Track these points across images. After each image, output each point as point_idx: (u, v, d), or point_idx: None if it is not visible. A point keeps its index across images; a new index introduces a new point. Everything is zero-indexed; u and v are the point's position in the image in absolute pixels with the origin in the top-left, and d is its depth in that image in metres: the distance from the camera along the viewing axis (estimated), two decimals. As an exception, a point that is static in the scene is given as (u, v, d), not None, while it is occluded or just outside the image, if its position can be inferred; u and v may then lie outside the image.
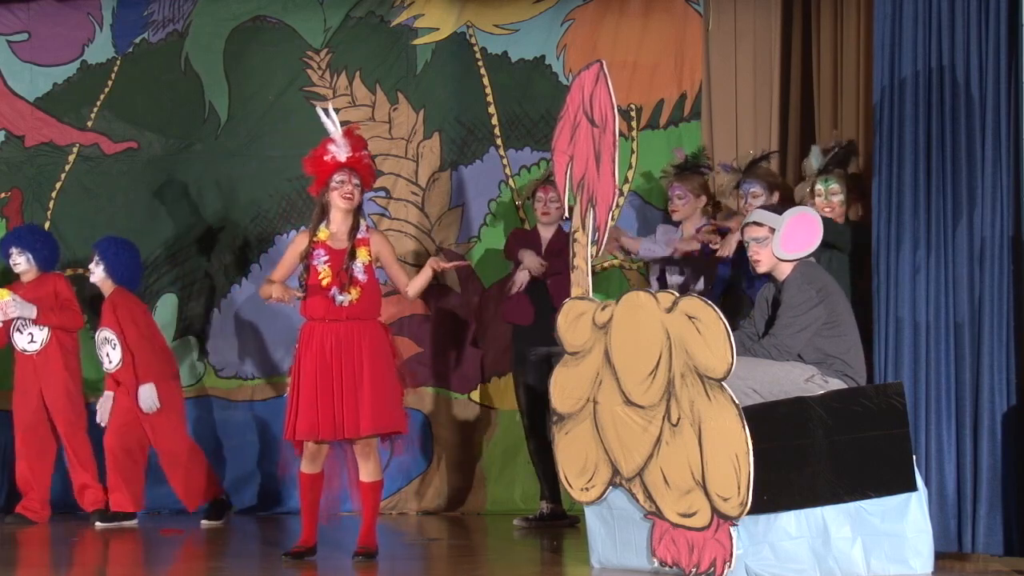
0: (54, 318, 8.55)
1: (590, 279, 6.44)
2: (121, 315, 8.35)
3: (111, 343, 8.38)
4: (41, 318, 8.51)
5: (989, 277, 6.55)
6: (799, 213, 6.45)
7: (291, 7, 9.16)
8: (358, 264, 6.75)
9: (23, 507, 8.59)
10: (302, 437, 6.70)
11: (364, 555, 6.73)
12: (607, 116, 6.30)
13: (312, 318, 6.76)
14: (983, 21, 6.61)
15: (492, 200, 8.98)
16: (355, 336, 6.71)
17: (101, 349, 8.43)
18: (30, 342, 8.58)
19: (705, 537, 5.92)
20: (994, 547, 6.52)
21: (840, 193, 7.24)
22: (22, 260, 8.62)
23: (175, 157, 9.21)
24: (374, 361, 6.70)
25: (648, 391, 6.06)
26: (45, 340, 8.58)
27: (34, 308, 8.49)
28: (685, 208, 7.91)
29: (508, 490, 8.82)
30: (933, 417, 6.63)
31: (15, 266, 8.63)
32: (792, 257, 6.40)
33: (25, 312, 8.48)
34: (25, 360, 8.60)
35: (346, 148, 6.80)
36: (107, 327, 8.38)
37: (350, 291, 6.71)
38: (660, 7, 8.76)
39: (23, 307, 8.47)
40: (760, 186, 7.52)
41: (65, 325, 8.60)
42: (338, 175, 6.77)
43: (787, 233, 6.38)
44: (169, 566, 7.23)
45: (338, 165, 6.78)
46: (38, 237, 8.72)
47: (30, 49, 9.32)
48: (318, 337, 6.71)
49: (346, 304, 6.71)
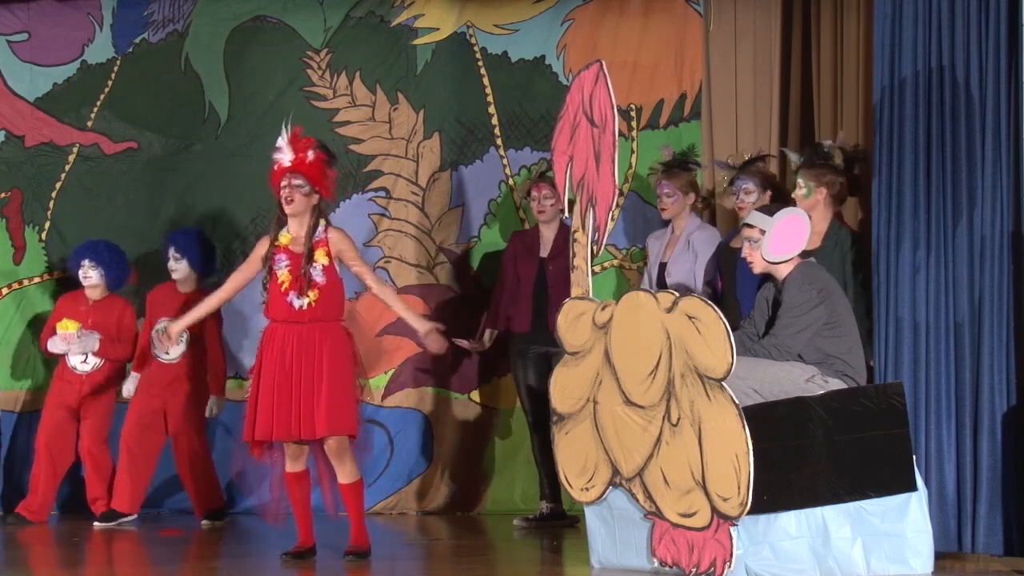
0: (111, 351, 8.51)
1: (590, 279, 6.44)
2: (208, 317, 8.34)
3: (180, 338, 8.28)
4: (101, 351, 8.49)
5: (989, 277, 6.55)
6: (787, 215, 6.46)
7: (291, 7, 9.16)
8: (316, 266, 6.76)
9: (24, 507, 8.57)
10: (259, 437, 6.72)
11: (355, 555, 6.75)
12: (607, 116, 6.30)
13: (274, 320, 6.80)
14: (983, 21, 6.61)
15: (492, 200, 8.98)
16: (316, 338, 6.73)
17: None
18: (83, 363, 8.54)
19: (705, 537, 5.92)
20: (994, 547, 6.52)
21: (803, 188, 7.22)
22: (94, 275, 8.55)
23: (175, 157, 9.21)
24: (333, 363, 6.71)
25: (648, 391, 6.06)
26: (98, 365, 8.54)
27: (97, 342, 8.44)
28: (674, 206, 7.90)
29: (508, 490, 8.82)
30: (933, 417, 6.63)
31: (85, 279, 8.55)
32: (779, 259, 6.43)
33: (88, 347, 8.44)
34: (71, 377, 8.54)
35: (289, 152, 6.82)
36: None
37: (308, 294, 6.73)
38: (660, 7, 8.76)
39: (87, 343, 8.42)
40: (753, 183, 7.51)
41: (118, 358, 8.57)
42: (283, 180, 6.82)
43: (775, 235, 6.41)
44: (169, 566, 7.23)
45: (283, 171, 6.82)
46: (108, 253, 8.63)
47: (30, 49, 9.31)
48: (279, 339, 6.75)
49: (304, 307, 6.73)
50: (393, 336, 8.87)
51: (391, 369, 8.90)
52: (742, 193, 7.50)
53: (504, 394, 8.84)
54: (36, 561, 7.40)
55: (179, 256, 8.44)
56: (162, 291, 8.54)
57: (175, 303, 8.36)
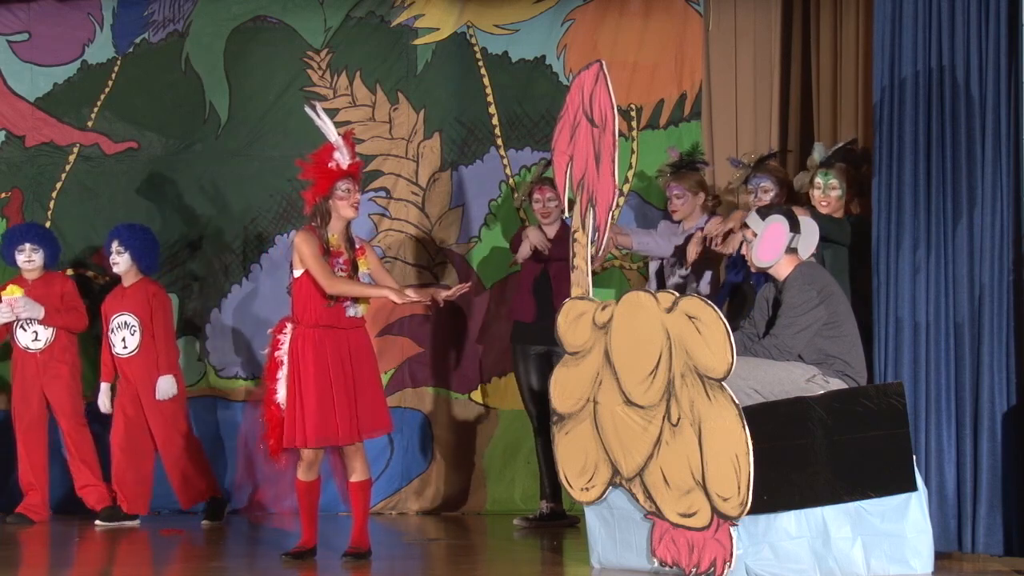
0: (60, 319, 8.53)
1: (590, 279, 6.44)
2: (155, 303, 8.37)
3: (130, 328, 8.36)
4: (48, 319, 8.50)
5: (989, 277, 6.55)
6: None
7: (291, 7, 9.16)
8: (364, 275, 6.75)
9: (24, 507, 8.58)
10: (316, 444, 6.61)
11: (354, 555, 6.74)
12: (607, 116, 6.30)
13: (316, 325, 6.66)
14: (983, 21, 6.61)
15: (492, 200, 8.98)
16: (363, 342, 6.74)
17: (116, 333, 8.40)
18: (34, 340, 8.56)
19: (705, 537, 5.92)
20: (994, 547, 6.52)
21: (838, 188, 7.26)
22: (36, 257, 8.57)
23: (175, 157, 9.21)
24: (373, 365, 6.76)
25: (648, 391, 6.06)
26: (50, 339, 8.56)
27: (42, 309, 8.47)
28: (684, 207, 7.91)
29: (508, 490, 8.82)
30: (933, 417, 6.63)
31: (27, 263, 8.57)
32: (764, 265, 6.46)
33: (34, 312, 8.45)
34: (27, 359, 8.57)
35: (348, 155, 6.74)
36: (130, 312, 8.37)
37: (361, 302, 6.73)
38: (660, 7, 8.76)
39: (32, 307, 8.45)
40: (771, 181, 7.55)
41: (71, 326, 8.58)
42: (343, 183, 6.69)
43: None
44: (169, 566, 7.23)
45: (342, 173, 6.71)
46: (46, 234, 8.70)
47: (30, 49, 9.32)
48: (330, 344, 6.64)
49: (359, 316, 6.73)
50: (393, 336, 8.88)
51: (391, 369, 8.90)
52: (760, 191, 7.54)
53: (504, 394, 8.84)
54: (35, 561, 7.40)
55: (121, 250, 8.45)
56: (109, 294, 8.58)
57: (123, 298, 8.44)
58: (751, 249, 6.49)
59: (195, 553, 7.57)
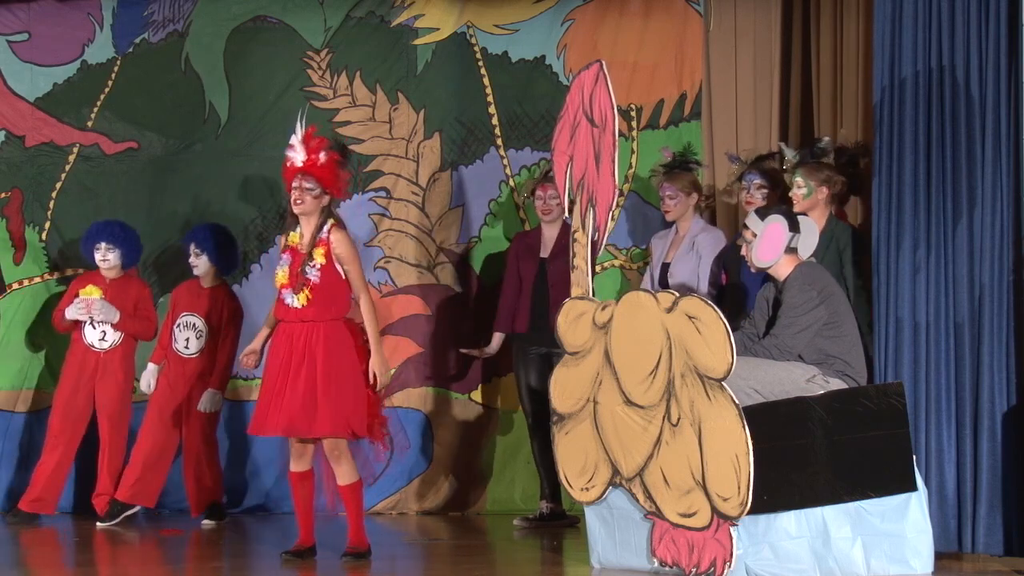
0: (132, 326, 8.47)
1: (590, 279, 6.44)
2: (227, 313, 8.36)
3: (196, 332, 8.32)
4: (121, 324, 8.44)
5: (989, 277, 6.55)
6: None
7: (291, 7, 9.16)
8: (312, 266, 6.74)
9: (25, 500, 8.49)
10: (252, 432, 6.84)
11: (352, 555, 6.75)
12: (607, 116, 6.31)
13: (278, 319, 6.83)
14: (983, 21, 6.61)
15: (492, 200, 8.98)
16: (312, 338, 6.71)
17: (181, 331, 8.36)
18: (101, 340, 8.47)
19: (705, 537, 5.92)
20: (994, 547, 6.52)
21: (804, 187, 7.22)
22: (112, 256, 8.51)
23: (175, 157, 9.21)
24: (329, 364, 6.68)
25: (648, 391, 6.07)
26: (116, 342, 8.47)
27: (118, 313, 8.41)
28: (677, 208, 7.90)
29: (508, 490, 8.82)
30: (933, 417, 6.63)
31: (103, 262, 8.50)
32: (764, 265, 6.46)
33: (109, 316, 8.40)
34: (88, 355, 8.46)
35: (302, 153, 6.78)
36: (200, 316, 8.36)
37: (301, 293, 6.73)
38: (660, 7, 8.76)
39: (108, 311, 8.39)
40: (764, 179, 7.55)
41: (141, 335, 8.52)
42: (293, 181, 6.78)
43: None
44: (169, 566, 7.23)
45: (295, 171, 6.78)
46: (123, 234, 8.58)
47: (30, 49, 9.31)
48: (281, 337, 6.78)
49: (296, 306, 6.73)
50: (393, 336, 8.87)
51: (391, 369, 8.88)
52: (752, 188, 7.53)
53: (504, 394, 8.84)
54: (36, 561, 7.40)
55: (199, 252, 8.44)
56: (185, 288, 8.55)
57: (199, 298, 8.42)
58: (751, 249, 6.50)
59: (195, 553, 7.57)
